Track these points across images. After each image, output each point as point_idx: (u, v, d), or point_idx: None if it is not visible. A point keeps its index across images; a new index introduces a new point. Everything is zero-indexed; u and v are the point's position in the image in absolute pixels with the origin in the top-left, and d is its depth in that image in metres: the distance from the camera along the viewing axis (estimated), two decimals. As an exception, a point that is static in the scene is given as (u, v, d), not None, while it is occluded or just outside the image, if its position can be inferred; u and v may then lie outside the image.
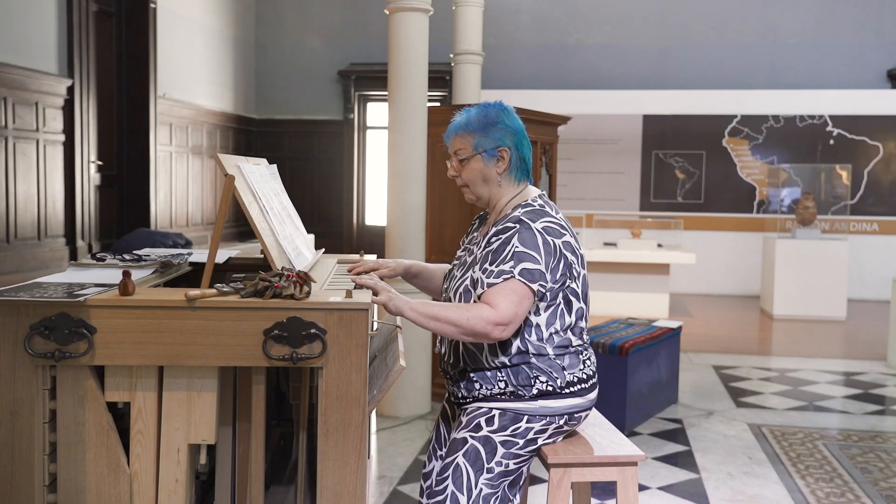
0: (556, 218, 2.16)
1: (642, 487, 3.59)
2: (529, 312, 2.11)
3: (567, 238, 2.14)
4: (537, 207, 2.17)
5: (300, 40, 11.25)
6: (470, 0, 7.21)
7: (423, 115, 4.60)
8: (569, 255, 2.13)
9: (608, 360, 4.34)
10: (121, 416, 1.87)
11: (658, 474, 3.77)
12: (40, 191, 6.65)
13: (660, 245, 8.75)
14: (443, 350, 2.27)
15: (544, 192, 2.28)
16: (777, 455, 4.07)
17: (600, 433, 2.33)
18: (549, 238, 2.10)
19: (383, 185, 5.18)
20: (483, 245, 2.17)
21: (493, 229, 2.16)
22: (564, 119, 5.59)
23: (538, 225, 2.11)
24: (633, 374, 4.41)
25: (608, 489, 3.44)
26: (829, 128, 9.91)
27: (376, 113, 11.47)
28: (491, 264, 2.09)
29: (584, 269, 2.19)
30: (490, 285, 2.06)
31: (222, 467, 1.97)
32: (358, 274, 2.29)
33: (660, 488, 3.60)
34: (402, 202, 4.57)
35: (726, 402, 5.08)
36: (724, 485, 3.66)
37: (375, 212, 11.42)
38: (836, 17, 10.43)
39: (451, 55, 7.49)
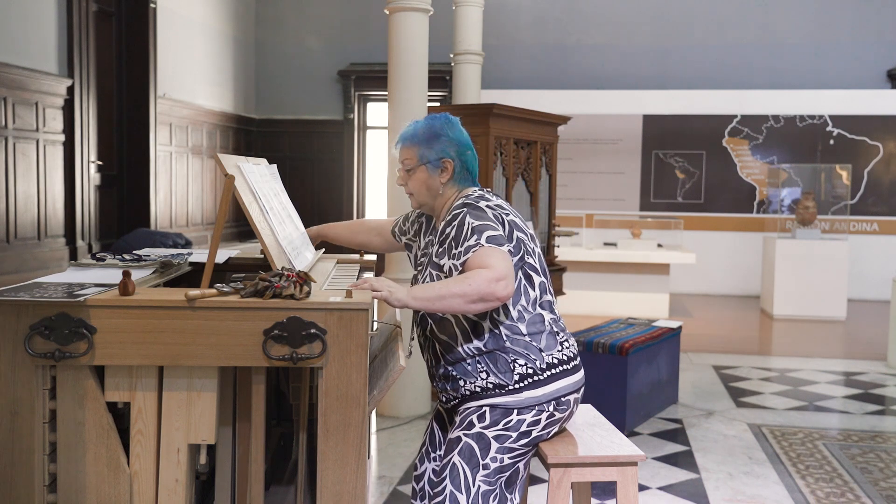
0: (497, 201, 2.24)
1: (642, 487, 3.59)
2: None
3: (512, 217, 2.21)
4: (476, 195, 2.25)
5: (300, 40, 11.25)
6: (470, 0, 7.21)
7: (424, 115, 4.59)
8: (517, 231, 2.18)
9: (608, 360, 4.34)
10: (121, 416, 1.87)
11: (658, 474, 3.77)
12: (40, 191, 6.66)
13: (660, 245, 8.75)
14: (426, 357, 2.29)
15: (484, 188, 2.36)
16: (777, 455, 4.07)
17: (600, 433, 2.33)
18: (497, 212, 2.18)
19: (383, 185, 5.18)
20: (438, 241, 2.22)
21: (443, 224, 2.22)
22: (564, 119, 5.59)
23: (482, 203, 2.20)
24: (633, 374, 4.41)
25: (608, 489, 3.44)
26: (829, 128, 9.91)
27: (376, 113, 11.48)
28: (457, 248, 2.12)
29: (536, 247, 2.24)
30: (465, 262, 2.09)
31: (222, 467, 1.97)
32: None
33: (660, 488, 3.60)
34: (402, 202, 4.56)
35: (726, 402, 5.08)
36: (724, 485, 3.66)
37: (375, 212, 11.42)
38: (836, 17, 10.43)
39: (451, 55, 7.49)
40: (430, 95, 7.29)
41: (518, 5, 10.89)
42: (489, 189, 2.37)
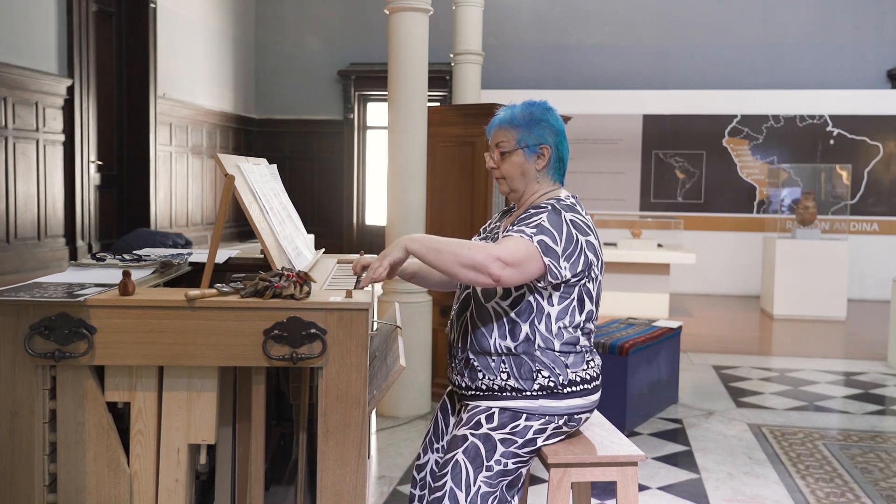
0: (584, 217, 2.19)
1: (642, 487, 3.59)
2: (542, 299, 2.12)
3: (591, 238, 2.16)
4: (568, 203, 2.21)
5: (300, 40, 11.25)
6: (470, 0, 7.20)
7: (423, 115, 4.60)
8: (590, 254, 2.15)
9: (608, 360, 4.34)
10: (121, 416, 1.87)
11: (658, 474, 3.77)
12: (40, 191, 6.65)
13: (660, 245, 8.75)
14: (452, 336, 2.27)
15: (576, 195, 2.30)
16: (777, 455, 4.07)
17: (600, 433, 2.33)
18: (573, 231, 2.13)
19: (383, 185, 5.18)
20: (511, 223, 2.21)
21: (524, 213, 2.19)
22: (564, 119, 5.58)
23: (567, 215, 2.15)
24: (633, 374, 4.41)
25: (608, 489, 3.44)
26: (829, 128, 9.90)
27: (376, 113, 11.47)
28: (514, 226, 2.12)
29: (601, 273, 2.21)
30: (504, 237, 2.09)
31: (222, 467, 1.97)
32: (356, 273, 2.35)
33: (660, 488, 3.60)
34: (402, 202, 4.57)
35: (726, 402, 5.08)
36: (724, 485, 3.66)
37: (375, 212, 11.42)
38: (836, 17, 10.43)
39: (451, 55, 7.49)
40: (430, 95, 7.29)
41: (518, 5, 10.89)
42: (577, 196, 2.31)
